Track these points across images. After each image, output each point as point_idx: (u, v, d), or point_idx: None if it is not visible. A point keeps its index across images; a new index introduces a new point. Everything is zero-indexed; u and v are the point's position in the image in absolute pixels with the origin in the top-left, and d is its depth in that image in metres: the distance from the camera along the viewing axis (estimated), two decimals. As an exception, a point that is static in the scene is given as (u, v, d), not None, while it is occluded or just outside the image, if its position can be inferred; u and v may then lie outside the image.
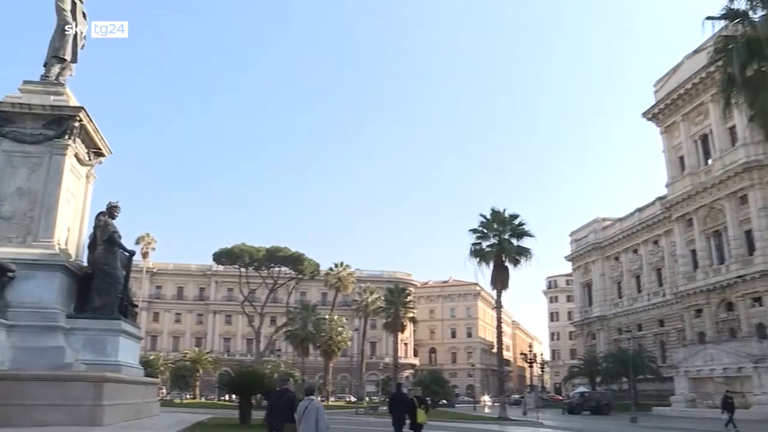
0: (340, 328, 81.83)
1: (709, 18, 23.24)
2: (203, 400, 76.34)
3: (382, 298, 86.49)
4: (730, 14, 23.02)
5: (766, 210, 54.96)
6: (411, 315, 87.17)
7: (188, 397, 78.56)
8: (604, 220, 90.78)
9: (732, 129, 57.70)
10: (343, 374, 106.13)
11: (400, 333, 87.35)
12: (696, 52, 58.11)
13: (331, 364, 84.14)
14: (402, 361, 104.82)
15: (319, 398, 40.23)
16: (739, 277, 56.38)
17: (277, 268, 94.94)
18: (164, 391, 72.39)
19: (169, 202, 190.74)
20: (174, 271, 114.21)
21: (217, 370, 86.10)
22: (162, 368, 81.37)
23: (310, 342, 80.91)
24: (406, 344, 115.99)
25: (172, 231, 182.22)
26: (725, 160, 59.01)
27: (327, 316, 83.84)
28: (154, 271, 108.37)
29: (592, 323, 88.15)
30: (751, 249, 56.26)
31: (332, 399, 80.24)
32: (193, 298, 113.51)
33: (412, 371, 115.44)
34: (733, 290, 57.70)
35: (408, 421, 19.57)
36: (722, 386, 45.46)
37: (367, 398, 78.48)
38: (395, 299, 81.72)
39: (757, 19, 22.17)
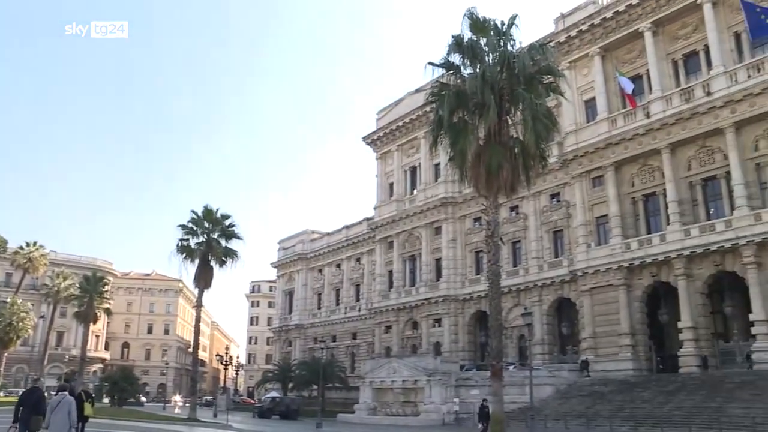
0: (23, 314, 74.25)
1: (430, 64, 25.69)
2: None
3: (77, 284, 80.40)
4: (447, 65, 25.73)
5: (454, 242, 61.73)
6: (106, 306, 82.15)
7: None
8: (313, 232, 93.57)
9: (437, 166, 63.86)
10: (20, 366, 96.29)
11: (92, 324, 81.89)
12: (417, 91, 63.54)
13: (5, 354, 75.99)
14: (91, 354, 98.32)
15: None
16: (426, 299, 62.38)
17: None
18: None
19: None
20: None
21: None
22: None
23: (-16, 327, 72.36)
24: (97, 336, 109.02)
25: None
26: (428, 193, 65.10)
27: (8, 299, 75.72)
28: None
29: (290, 330, 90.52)
30: (439, 275, 62.60)
31: (1, 394, 69.87)
32: None
33: (101, 365, 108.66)
34: (419, 311, 63.59)
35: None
36: (400, 396, 49.75)
37: (46, 393, 71.84)
38: (91, 287, 76.32)
39: (466, 75, 25.18)
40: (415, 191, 68.28)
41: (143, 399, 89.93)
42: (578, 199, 49.82)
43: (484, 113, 23.57)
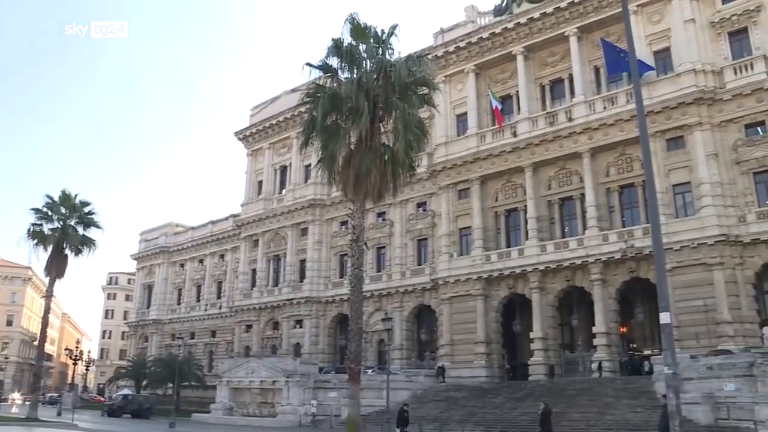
0: None
1: (308, 65, 25.64)
2: None
3: None
4: (325, 67, 25.78)
5: (319, 244, 61.87)
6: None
7: None
8: (177, 225, 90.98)
9: (308, 167, 63.59)
10: None
11: None
12: (294, 90, 63.19)
13: None
14: None
15: None
16: (288, 300, 62.04)
17: None
18: None
19: None
20: None
21: None
22: None
23: None
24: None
25: None
26: (296, 194, 64.83)
27: None
28: None
29: (147, 326, 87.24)
30: (303, 276, 62.45)
31: None
32: None
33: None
34: (281, 311, 63.13)
35: None
36: (257, 396, 49.09)
37: None
38: None
39: (343, 79, 25.32)
40: (284, 191, 67.79)
41: None
42: (444, 210, 51.35)
43: (357, 118, 23.75)
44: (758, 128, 38.80)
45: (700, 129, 39.65)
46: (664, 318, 12.96)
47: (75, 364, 66.82)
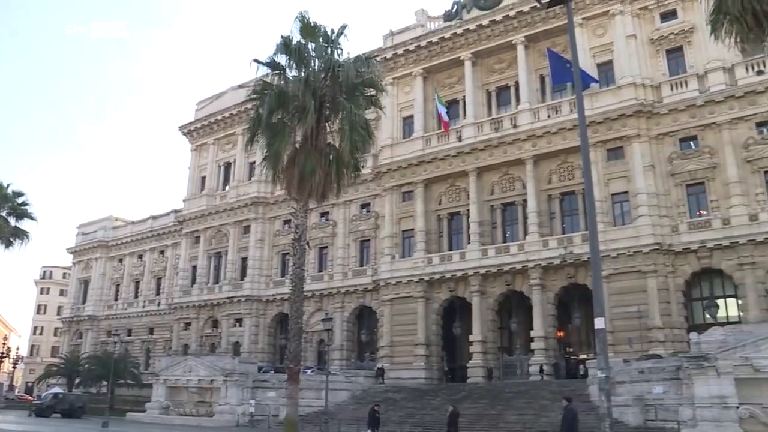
0: None
1: (256, 61, 25.44)
2: None
3: None
4: (272, 64, 25.59)
5: (261, 243, 61.39)
6: None
7: None
8: (117, 219, 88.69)
9: (252, 164, 62.98)
10: None
11: None
12: (241, 86, 62.49)
13: None
14: None
15: None
16: (228, 298, 61.35)
17: None
18: None
19: None
20: None
21: None
22: None
23: None
24: None
25: None
26: (240, 191, 64.19)
27: None
28: None
29: (83, 321, 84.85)
30: (244, 274, 61.85)
31: None
32: None
33: None
34: (221, 309, 62.37)
35: None
36: (195, 395, 48.36)
37: None
38: None
39: (290, 77, 25.20)
40: (227, 188, 66.97)
41: None
42: (387, 212, 51.62)
43: (303, 117, 23.66)
44: (691, 142, 40.48)
45: (639, 141, 40.97)
46: (599, 323, 13.30)
47: (1, 361, 64.59)
